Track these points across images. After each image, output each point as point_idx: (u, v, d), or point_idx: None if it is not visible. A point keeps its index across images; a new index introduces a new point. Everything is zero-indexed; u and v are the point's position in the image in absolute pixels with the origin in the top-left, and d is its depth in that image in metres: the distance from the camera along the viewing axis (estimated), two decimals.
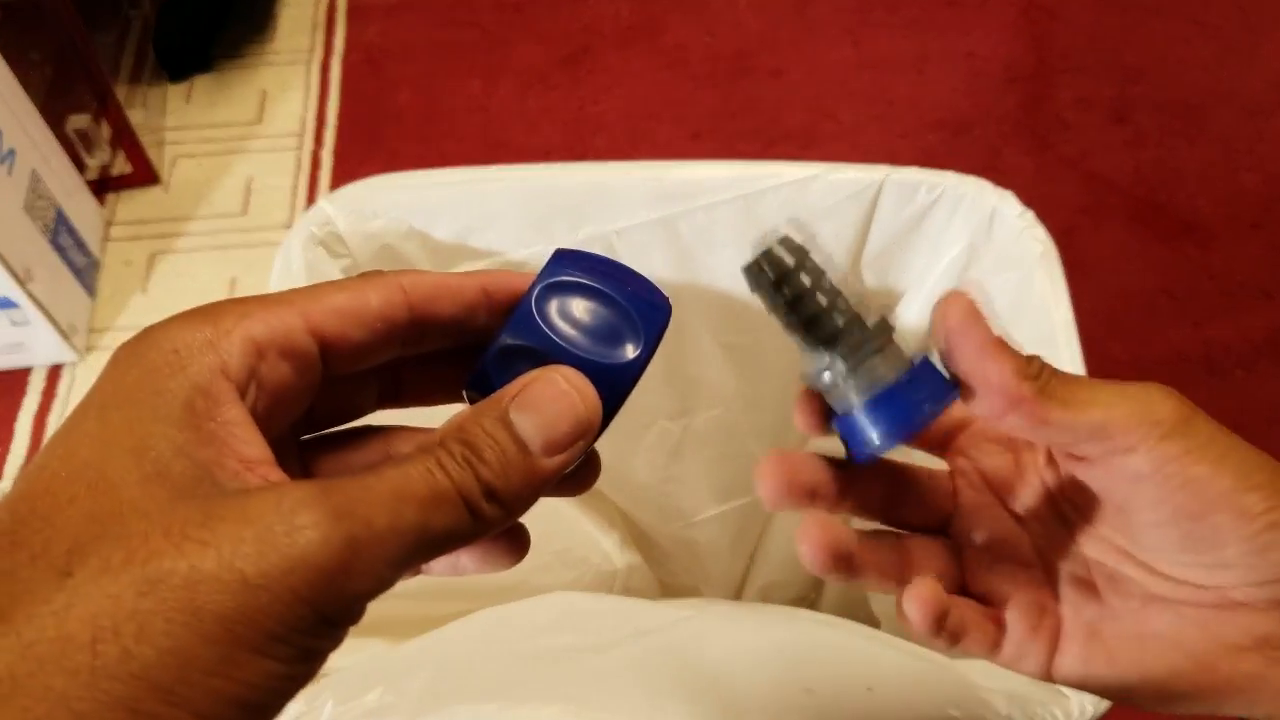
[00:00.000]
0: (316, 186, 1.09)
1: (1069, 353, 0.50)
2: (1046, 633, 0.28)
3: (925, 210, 0.57)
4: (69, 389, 0.95)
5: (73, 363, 0.96)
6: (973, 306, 0.25)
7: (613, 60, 1.20)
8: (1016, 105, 1.15)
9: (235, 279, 1.02)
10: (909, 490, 0.30)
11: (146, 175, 1.08)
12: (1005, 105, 1.15)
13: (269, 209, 1.08)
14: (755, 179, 0.57)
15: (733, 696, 0.45)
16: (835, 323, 0.25)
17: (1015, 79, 1.17)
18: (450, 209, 0.58)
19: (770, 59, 1.19)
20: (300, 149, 1.12)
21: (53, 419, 0.93)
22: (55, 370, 0.96)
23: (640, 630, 0.50)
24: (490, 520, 0.21)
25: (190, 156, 1.12)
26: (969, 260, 0.58)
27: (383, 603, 0.20)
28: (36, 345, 0.93)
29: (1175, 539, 0.26)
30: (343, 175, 1.10)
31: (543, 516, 0.26)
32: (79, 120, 1.02)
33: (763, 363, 0.67)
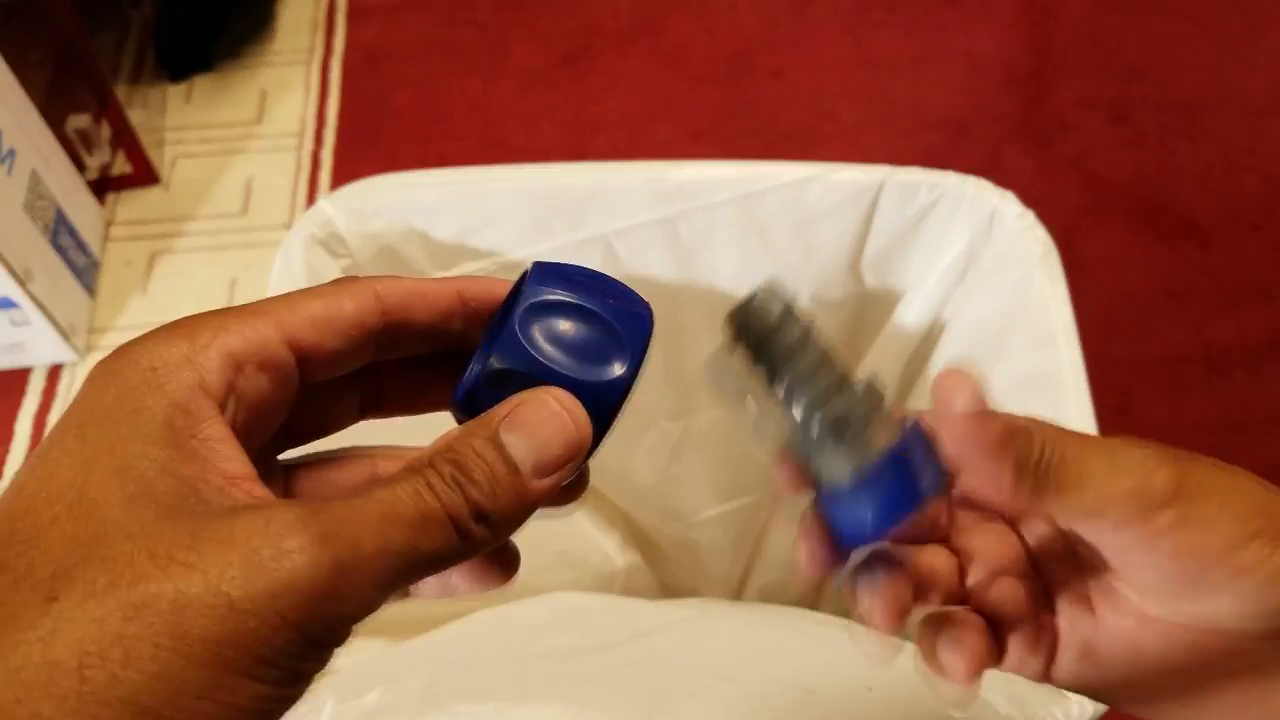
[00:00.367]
0: (316, 186, 1.09)
1: (1069, 353, 0.50)
2: (1045, 647, 0.29)
3: (925, 210, 0.57)
4: (69, 389, 0.95)
5: (73, 363, 0.96)
6: (977, 397, 0.23)
7: (613, 60, 1.20)
8: (1016, 105, 1.15)
9: (235, 279, 1.02)
10: None
11: (146, 175, 1.08)
12: (1005, 105, 1.15)
13: (269, 209, 1.08)
14: (755, 179, 0.57)
15: (733, 696, 0.45)
16: (824, 383, 0.24)
17: (1015, 79, 1.17)
18: (450, 209, 0.58)
19: (770, 59, 1.19)
20: (300, 149, 1.12)
21: (52, 419, 0.93)
22: (55, 370, 0.96)
23: (640, 630, 0.50)
24: (479, 541, 0.21)
25: (190, 156, 1.12)
26: (969, 260, 0.58)
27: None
28: (36, 345, 0.93)
29: (1167, 593, 0.26)
30: (343, 175, 1.10)
31: (543, 517, 0.26)
32: (79, 120, 1.02)
33: None
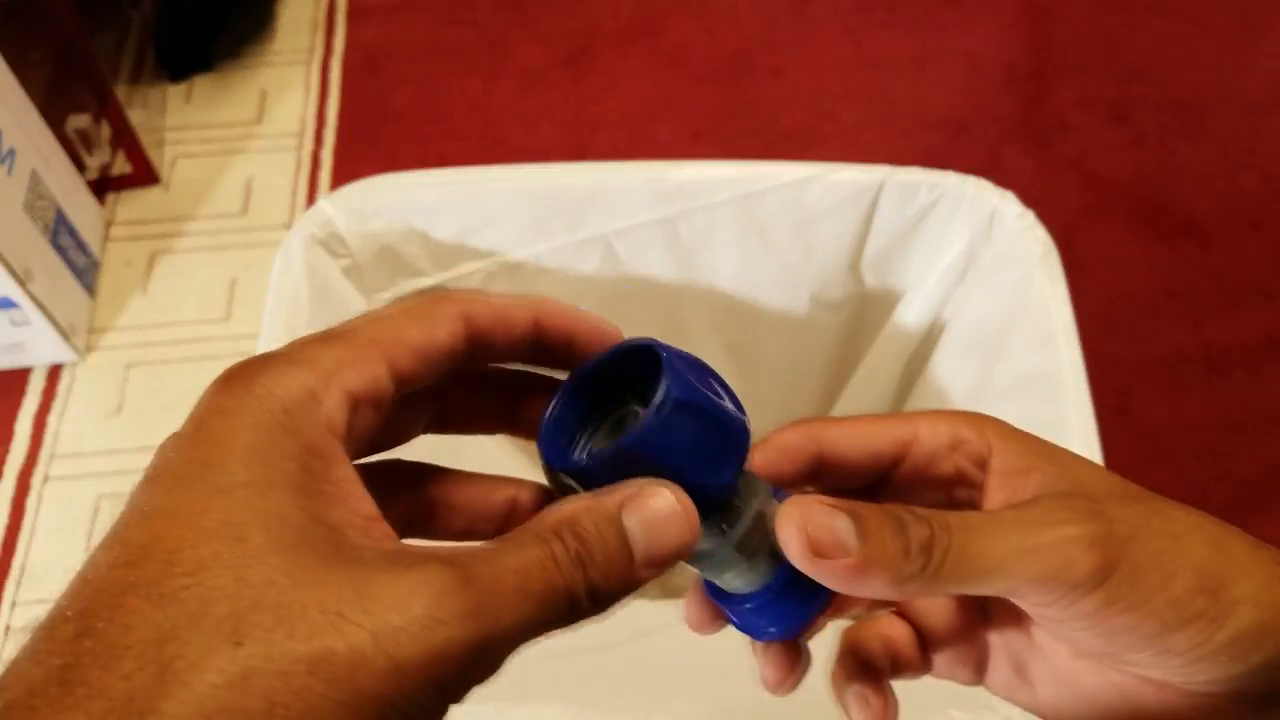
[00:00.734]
0: (316, 186, 1.09)
1: (1069, 353, 0.50)
2: (974, 659, 0.29)
3: (925, 210, 0.57)
4: (69, 389, 0.95)
5: (73, 363, 0.96)
6: (813, 531, 0.22)
7: (613, 60, 1.20)
8: (1016, 105, 1.15)
9: (235, 279, 1.02)
10: None
11: (146, 175, 1.08)
12: (1005, 105, 1.15)
13: (269, 209, 1.08)
14: (755, 179, 0.57)
15: (732, 696, 0.45)
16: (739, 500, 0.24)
17: (1015, 79, 1.17)
18: (450, 209, 0.58)
19: (770, 59, 1.19)
20: (300, 149, 1.12)
21: (52, 419, 0.93)
22: (55, 370, 0.96)
23: (640, 630, 0.50)
24: (583, 616, 0.21)
25: (190, 156, 1.12)
26: (969, 260, 0.58)
27: None
28: (36, 345, 0.93)
29: (1092, 658, 0.25)
30: (342, 175, 1.10)
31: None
32: (79, 120, 1.02)
33: (763, 363, 0.67)
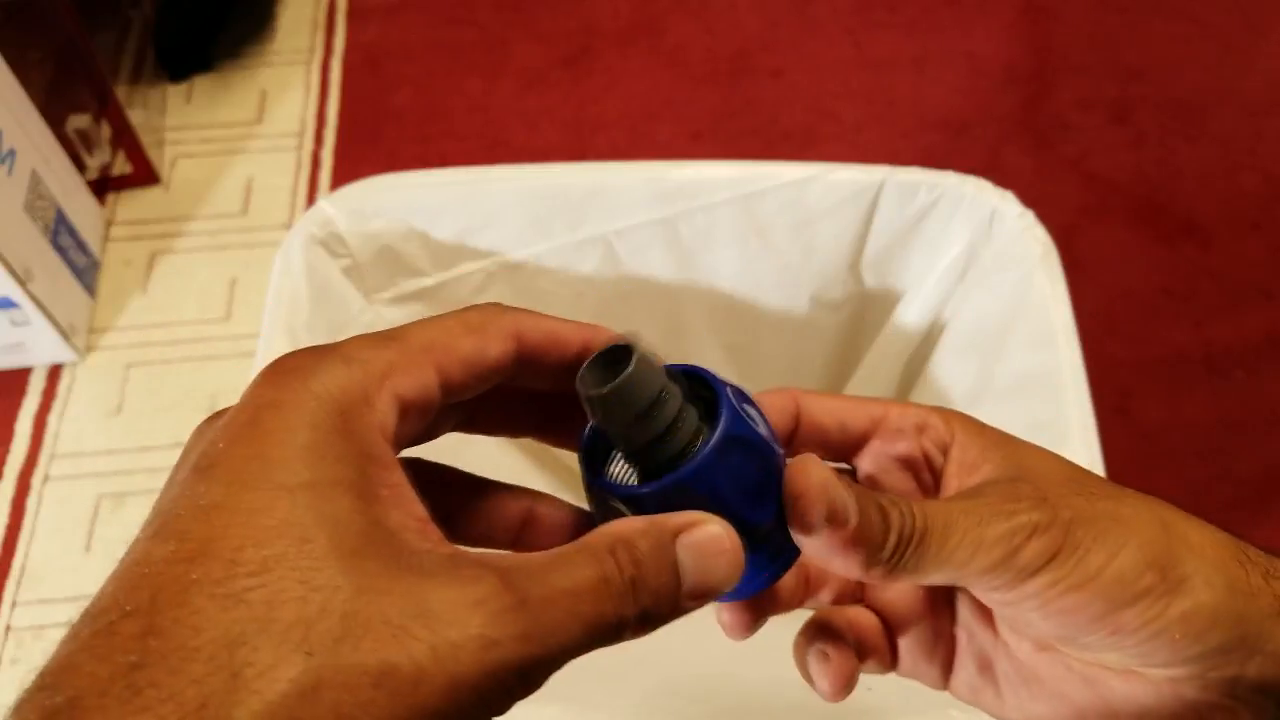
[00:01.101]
0: (316, 186, 1.09)
1: (1069, 353, 0.50)
2: (941, 655, 0.29)
3: (925, 210, 0.57)
4: (69, 389, 0.95)
5: (73, 363, 0.96)
6: (832, 499, 0.23)
7: (613, 60, 1.20)
8: (1016, 105, 1.15)
9: (235, 278, 1.02)
10: None
11: (147, 175, 1.08)
12: (1005, 105, 1.15)
13: (269, 209, 1.08)
14: (755, 179, 0.57)
15: (733, 695, 0.45)
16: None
17: (1015, 79, 1.17)
18: (450, 209, 0.58)
19: (770, 59, 1.19)
20: (300, 149, 1.12)
21: (52, 419, 0.93)
22: (55, 370, 0.96)
23: None
24: (627, 638, 0.21)
25: (190, 156, 1.12)
26: (969, 260, 0.58)
27: None
28: (37, 345, 0.93)
29: (1049, 644, 0.26)
30: (343, 175, 1.10)
31: None
32: (79, 120, 1.02)
33: (763, 363, 0.67)
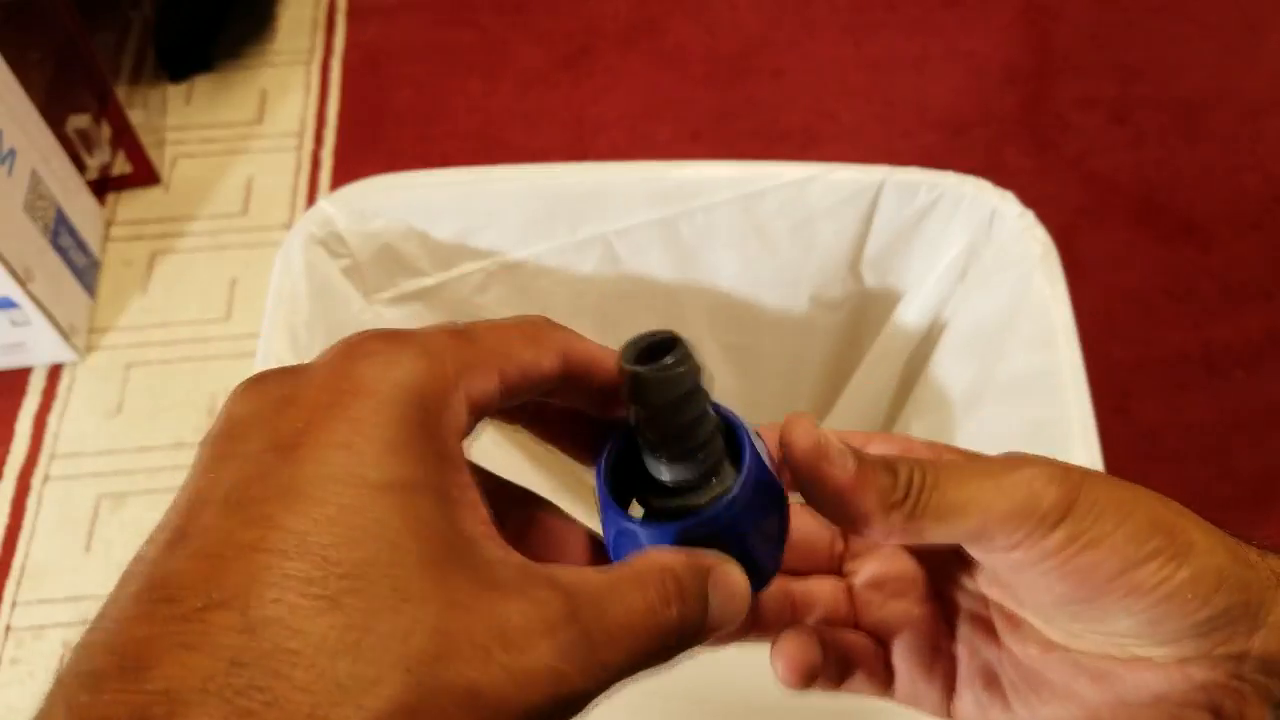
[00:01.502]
0: (317, 186, 1.09)
1: (1068, 353, 0.50)
2: (941, 675, 0.28)
3: (925, 210, 0.57)
4: (69, 389, 0.95)
5: (73, 363, 0.96)
6: (816, 442, 0.24)
7: (613, 60, 1.20)
8: (1016, 105, 1.15)
9: (235, 278, 1.02)
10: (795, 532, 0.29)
11: (147, 175, 1.08)
12: (1005, 105, 1.15)
13: (269, 209, 1.08)
14: (755, 179, 0.57)
15: (733, 696, 0.45)
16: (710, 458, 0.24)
17: (1015, 79, 1.17)
18: (450, 209, 0.58)
19: (770, 59, 1.19)
20: (300, 149, 1.12)
21: (52, 419, 0.93)
22: (55, 370, 0.96)
23: None
24: (654, 666, 0.22)
25: (190, 156, 1.12)
26: (969, 260, 0.58)
27: None
28: (37, 345, 0.93)
29: (1065, 614, 0.25)
30: (343, 175, 1.10)
31: None
32: (79, 120, 1.02)
33: (763, 363, 0.67)
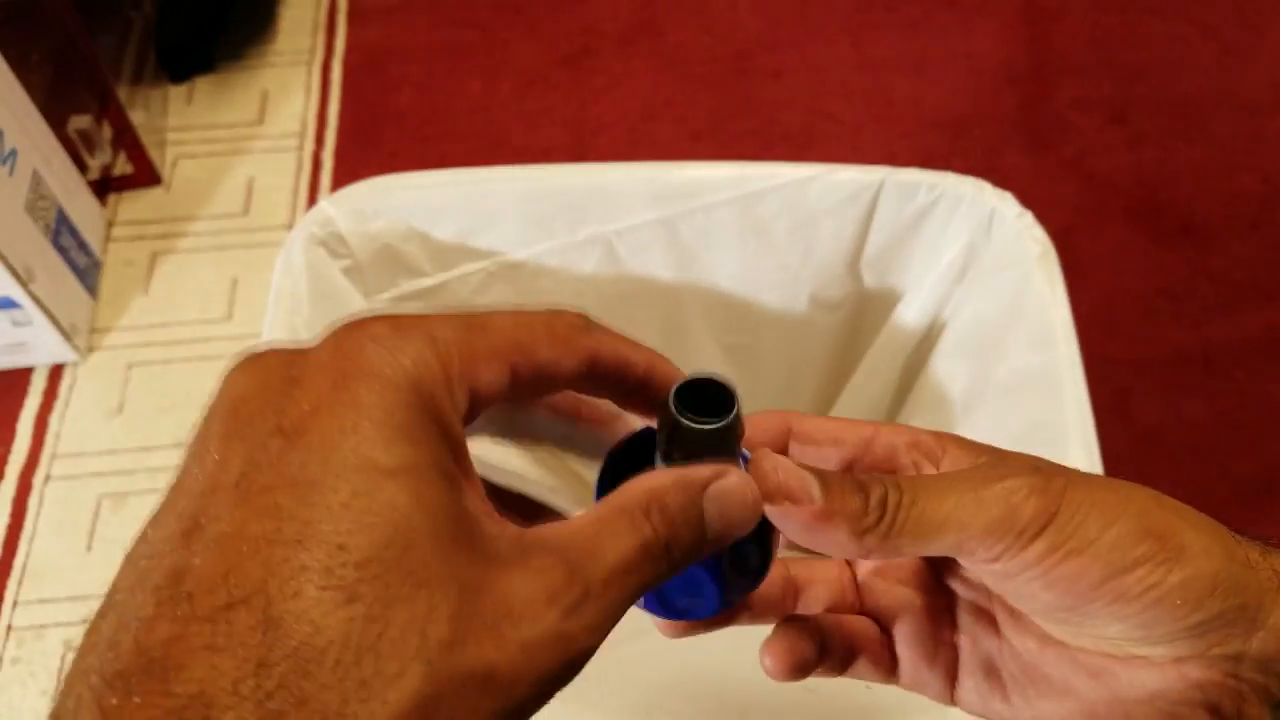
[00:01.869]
0: (317, 187, 1.10)
1: (1067, 353, 0.50)
2: (943, 663, 0.28)
3: (925, 211, 0.58)
4: (70, 389, 0.95)
5: (74, 363, 0.96)
6: (781, 476, 0.24)
7: (613, 60, 1.20)
8: (1016, 105, 1.15)
9: (236, 279, 1.03)
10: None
11: (148, 176, 1.08)
12: (1005, 105, 1.15)
13: (270, 209, 1.08)
14: (755, 179, 0.57)
15: (733, 695, 0.45)
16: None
17: (1015, 79, 1.17)
18: (450, 209, 0.58)
19: (770, 59, 1.20)
20: (301, 149, 1.13)
21: (54, 419, 0.93)
22: (57, 370, 0.96)
23: (640, 630, 0.50)
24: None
25: (191, 157, 1.12)
26: (968, 260, 0.58)
27: None
28: (38, 345, 0.94)
29: (1053, 620, 0.25)
30: (343, 175, 1.10)
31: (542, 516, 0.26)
32: (80, 121, 1.03)
33: (763, 363, 0.67)
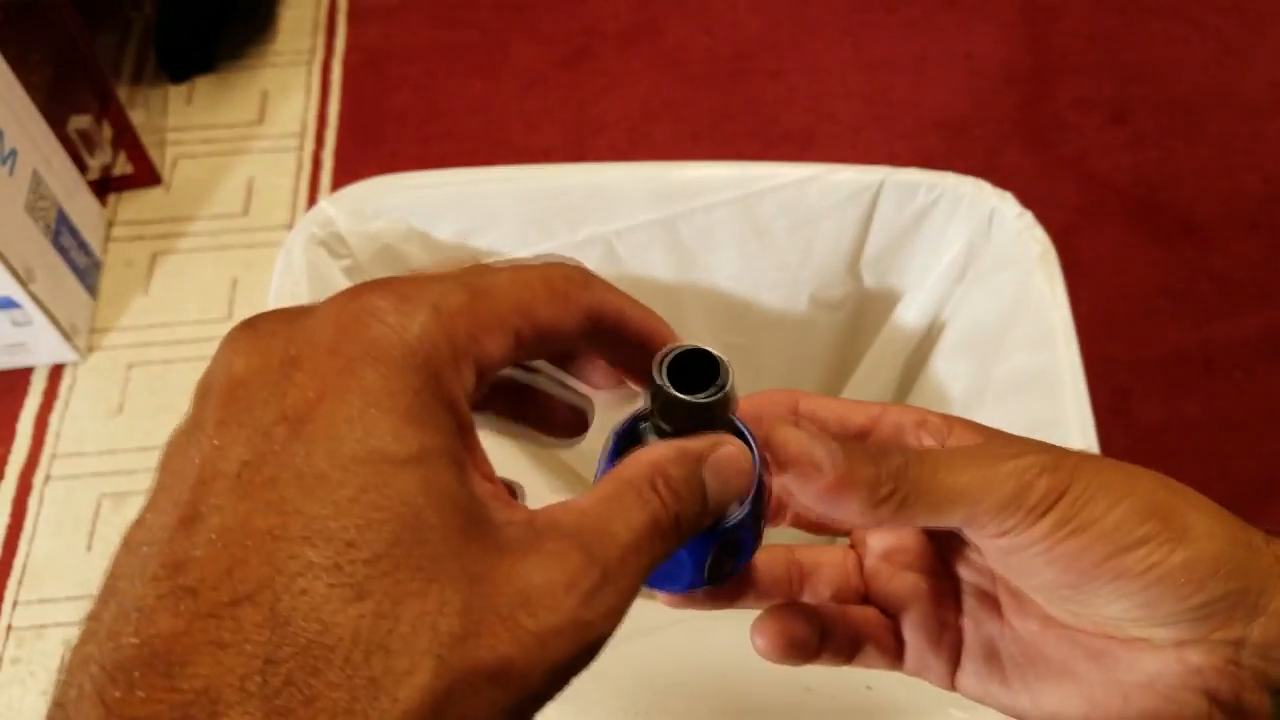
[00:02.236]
0: (317, 187, 1.10)
1: (1067, 352, 0.50)
2: (947, 647, 0.28)
3: (925, 211, 0.58)
4: (70, 389, 0.95)
5: (74, 363, 0.96)
6: (797, 446, 0.24)
7: (613, 60, 1.20)
8: (1016, 105, 1.15)
9: (237, 279, 1.03)
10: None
11: (148, 176, 1.08)
12: (1005, 105, 1.15)
13: (270, 209, 1.08)
14: (755, 180, 0.57)
15: (733, 695, 0.45)
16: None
17: (1015, 79, 1.17)
18: (450, 209, 0.58)
19: (769, 59, 1.20)
20: (301, 149, 1.13)
21: (54, 419, 0.93)
22: (57, 370, 0.96)
23: (640, 630, 0.50)
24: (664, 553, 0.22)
25: (191, 157, 1.12)
26: (968, 260, 0.58)
27: None
28: (38, 345, 0.94)
29: (1056, 598, 0.25)
30: (343, 175, 1.10)
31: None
32: (80, 121, 1.02)
33: (763, 363, 0.67)
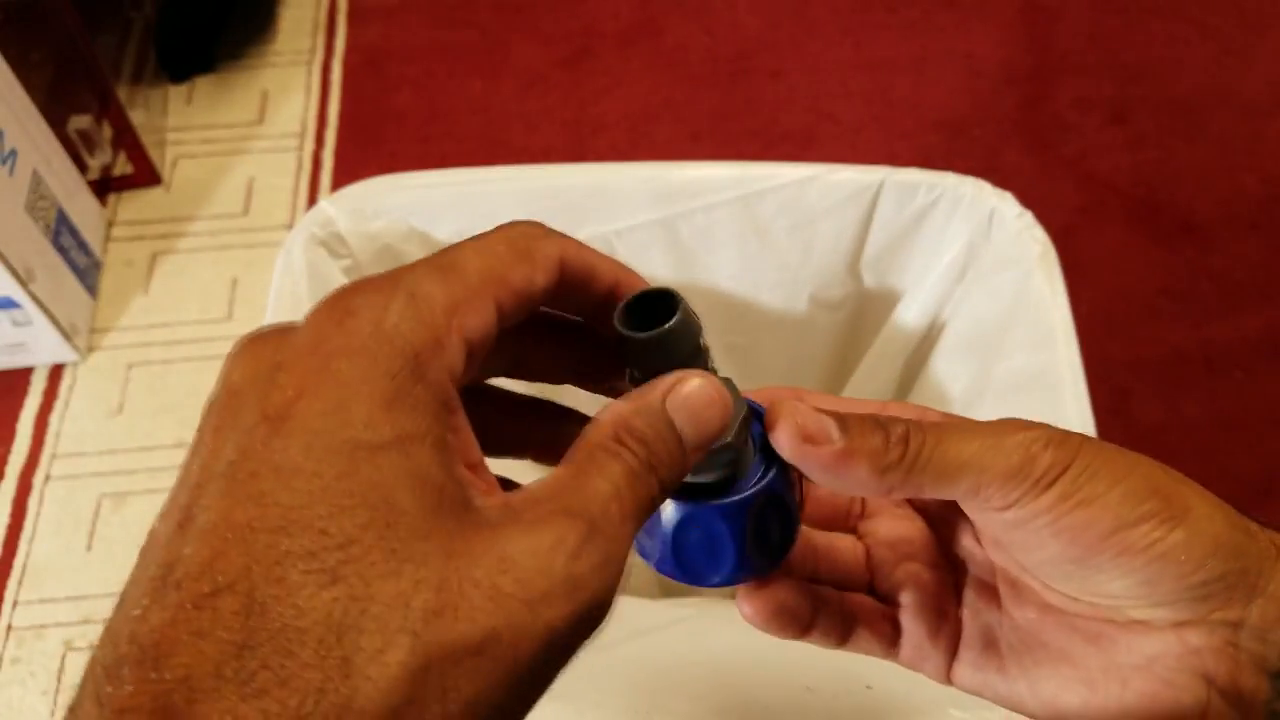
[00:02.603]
0: (317, 187, 1.10)
1: (1067, 352, 0.50)
2: (946, 638, 0.28)
3: (925, 211, 0.58)
4: (70, 389, 0.95)
5: (74, 363, 0.96)
6: (800, 420, 0.24)
7: (613, 60, 1.20)
8: (1016, 105, 1.15)
9: (236, 279, 1.03)
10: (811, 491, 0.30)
11: (148, 176, 1.08)
12: (1005, 105, 1.15)
13: (270, 209, 1.08)
14: (755, 180, 0.57)
15: (733, 695, 0.45)
16: None
17: (1015, 79, 1.17)
18: (451, 209, 0.58)
19: (770, 59, 1.20)
20: (301, 149, 1.13)
21: (54, 419, 0.93)
22: (57, 370, 0.96)
23: (640, 630, 0.50)
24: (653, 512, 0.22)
25: (191, 157, 1.12)
26: (968, 260, 0.58)
27: None
28: (38, 345, 0.94)
29: (1059, 574, 0.25)
30: (343, 176, 1.10)
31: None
32: (80, 121, 1.03)
33: (763, 363, 0.67)
